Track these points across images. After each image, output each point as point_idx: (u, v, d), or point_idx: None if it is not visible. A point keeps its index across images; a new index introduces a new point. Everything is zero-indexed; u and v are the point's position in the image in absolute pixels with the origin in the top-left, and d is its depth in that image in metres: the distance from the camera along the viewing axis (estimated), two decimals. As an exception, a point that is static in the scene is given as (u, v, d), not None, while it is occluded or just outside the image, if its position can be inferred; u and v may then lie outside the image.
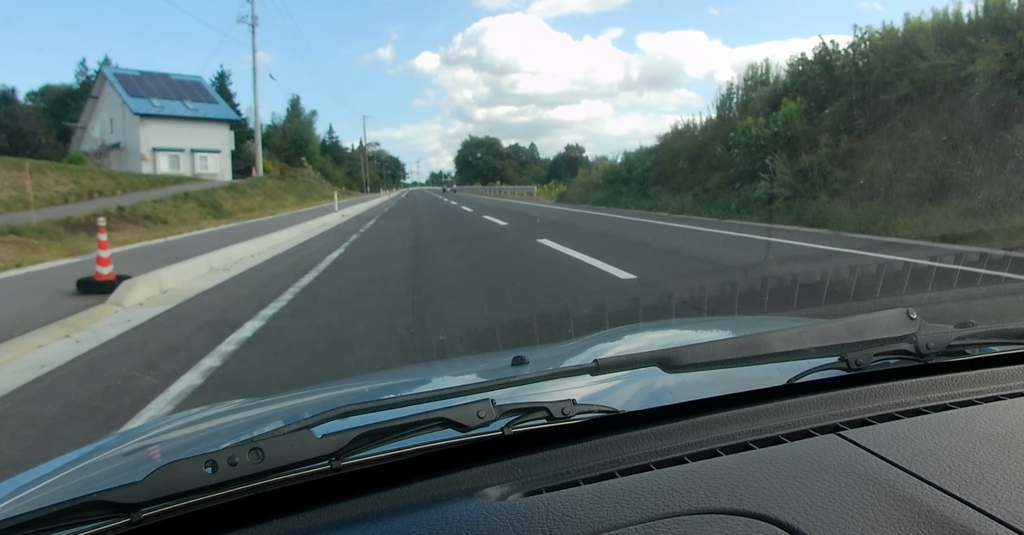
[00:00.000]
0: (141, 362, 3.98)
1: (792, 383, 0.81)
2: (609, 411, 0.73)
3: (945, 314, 4.04)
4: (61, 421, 3.06)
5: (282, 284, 6.79)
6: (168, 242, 11.40)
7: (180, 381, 3.50)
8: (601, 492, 0.58)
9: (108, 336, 4.69)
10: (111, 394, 3.38)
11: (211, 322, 5.07)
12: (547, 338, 2.92)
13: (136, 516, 0.56)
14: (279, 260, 9.28)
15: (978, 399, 0.77)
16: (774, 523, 0.52)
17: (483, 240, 11.80)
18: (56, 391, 3.49)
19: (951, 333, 0.84)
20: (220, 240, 10.78)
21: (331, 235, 13.55)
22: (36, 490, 0.80)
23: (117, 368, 3.86)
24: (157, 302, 5.99)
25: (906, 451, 0.63)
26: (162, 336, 4.69)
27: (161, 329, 4.93)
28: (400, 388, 1.29)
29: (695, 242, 9.75)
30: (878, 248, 7.87)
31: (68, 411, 3.19)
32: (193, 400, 3.19)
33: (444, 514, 0.57)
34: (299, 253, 10.17)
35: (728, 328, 1.60)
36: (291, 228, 13.52)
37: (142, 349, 4.34)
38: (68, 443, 2.64)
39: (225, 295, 6.42)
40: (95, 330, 4.89)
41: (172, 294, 6.41)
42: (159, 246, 10.63)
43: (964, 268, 4.76)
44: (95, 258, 6.48)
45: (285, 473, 0.60)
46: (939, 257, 5.59)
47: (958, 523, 0.51)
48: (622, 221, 14.95)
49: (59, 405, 3.27)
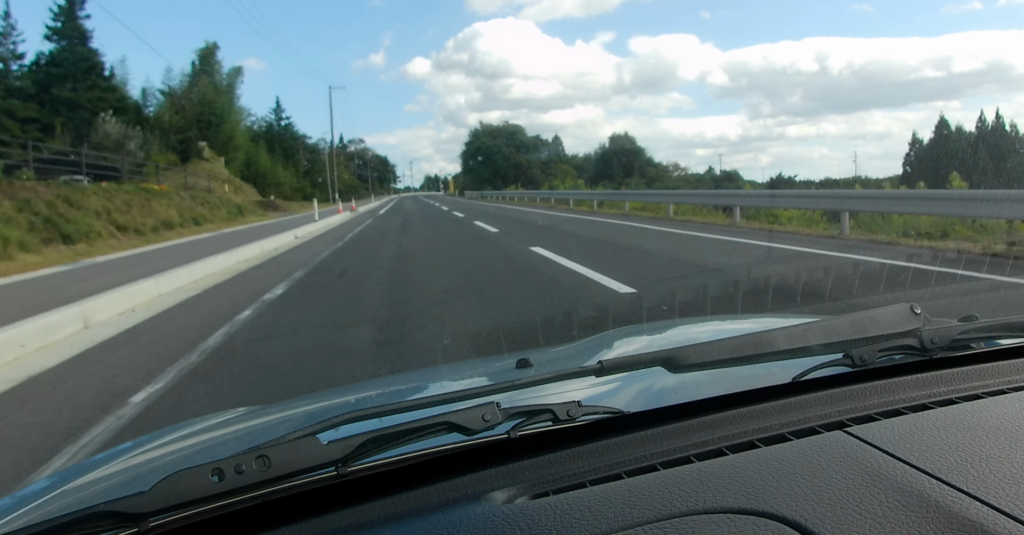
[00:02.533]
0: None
1: (797, 381, 0.81)
2: (614, 412, 0.73)
3: (949, 308, 4.02)
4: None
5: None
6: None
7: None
8: (608, 493, 0.58)
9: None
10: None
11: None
12: (551, 340, 2.85)
13: (144, 526, 0.56)
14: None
15: (984, 393, 0.77)
16: (782, 521, 0.52)
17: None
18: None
19: (955, 327, 0.83)
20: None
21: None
22: (45, 501, 0.80)
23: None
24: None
25: (912, 447, 0.63)
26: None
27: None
28: (405, 393, 1.29)
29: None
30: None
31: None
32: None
33: (451, 518, 0.57)
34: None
35: (731, 327, 1.59)
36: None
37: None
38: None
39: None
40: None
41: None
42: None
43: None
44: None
45: (292, 480, 0.60)
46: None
47: (966, 518, 0.51)
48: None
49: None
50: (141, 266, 8.34)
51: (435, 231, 15.80)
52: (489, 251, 10.21)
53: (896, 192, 13.04)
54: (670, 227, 13.15)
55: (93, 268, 8.80)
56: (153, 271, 7.51)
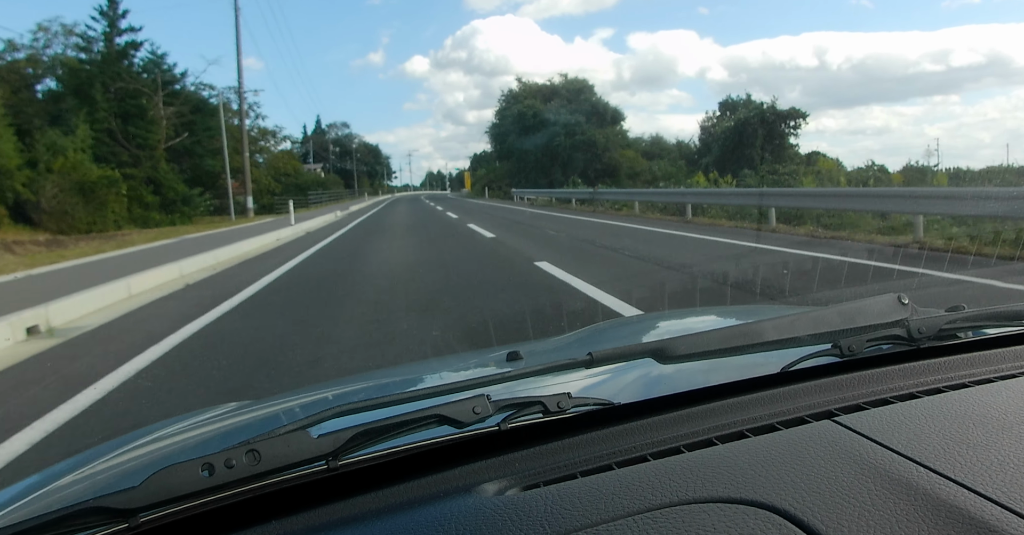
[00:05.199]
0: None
1: (786, 371, 0.81)
2: (604, 403, 0.73)
3: (937, 298, 4.00)
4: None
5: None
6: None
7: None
8: (599, 484, 0.59)
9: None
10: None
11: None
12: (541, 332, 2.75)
13: (134, 521, 0.55)
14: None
15: (971, 382, 0.77)
16: (772, 510, 0.52)
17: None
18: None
19: (942, 317, 0.84)
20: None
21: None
22: (34, 498, 0.80)
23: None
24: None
25: (901, 435, 0.63)
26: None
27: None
28: (395, 386, 1.28)
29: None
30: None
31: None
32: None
33: (443, 510, 0.57)
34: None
35: (721, 318, 1.60)
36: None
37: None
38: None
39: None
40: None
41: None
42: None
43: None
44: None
45: (282, 474, 0.60)
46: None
47: (954, 505, 0.51)
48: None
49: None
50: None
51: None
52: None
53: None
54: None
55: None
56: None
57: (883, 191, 12.33)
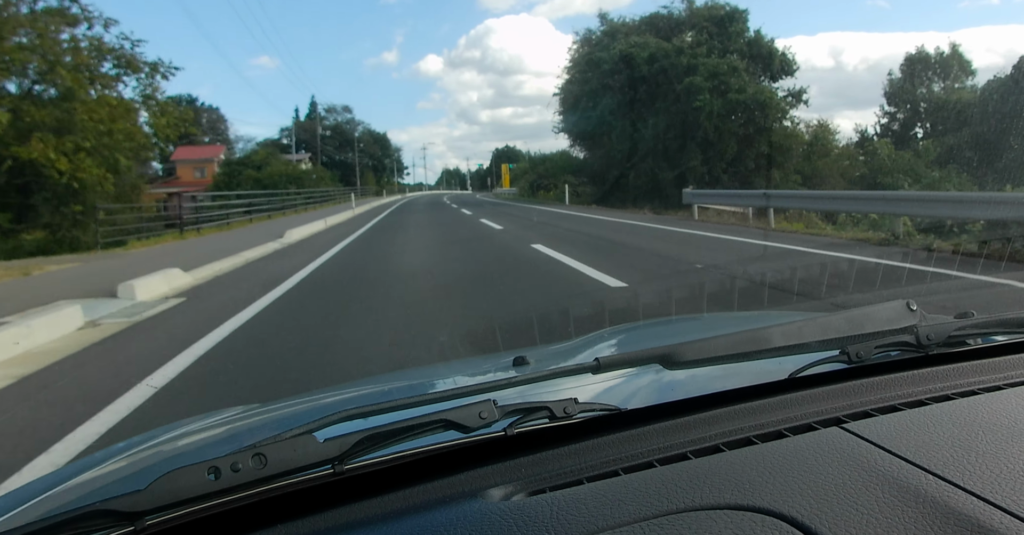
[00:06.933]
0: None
1: (793, 377, 0.81)
2: (611, 409, 0.73)
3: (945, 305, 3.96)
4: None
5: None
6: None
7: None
8: (605, 490, 0.58)
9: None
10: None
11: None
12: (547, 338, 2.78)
13: (140, 524, 0.56)
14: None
15: (980, 389, 0.77)
16: (779, 517, 0.52)
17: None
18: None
19: (951, 324, 0.84)
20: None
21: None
22: (41, 500, 0.80)
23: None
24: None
25: (909, 442, 0.63)
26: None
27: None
28: (401, 391, 1.28)
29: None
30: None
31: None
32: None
33: (449, 516, 0.57)
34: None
35: (728, 324, 1.60)
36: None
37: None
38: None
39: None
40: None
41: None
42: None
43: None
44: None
45: (288, 478, 0.60)
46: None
47: (963, 513, 0.51)
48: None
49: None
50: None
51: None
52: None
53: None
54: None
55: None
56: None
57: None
